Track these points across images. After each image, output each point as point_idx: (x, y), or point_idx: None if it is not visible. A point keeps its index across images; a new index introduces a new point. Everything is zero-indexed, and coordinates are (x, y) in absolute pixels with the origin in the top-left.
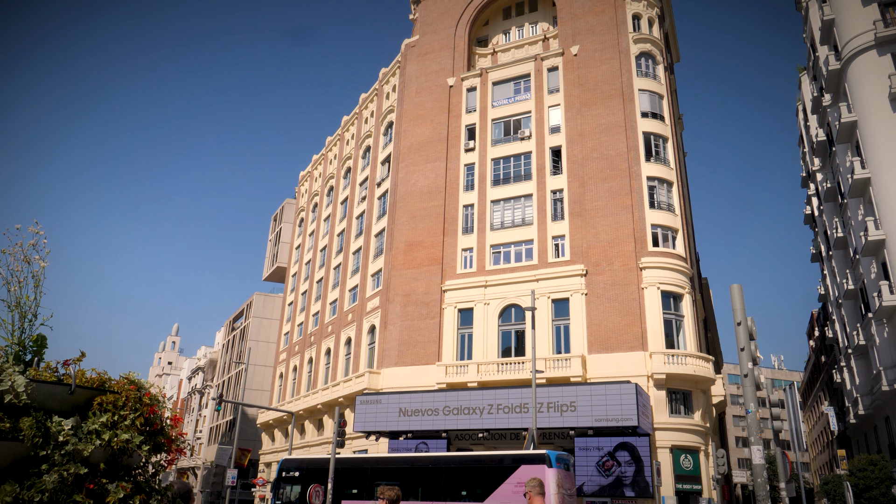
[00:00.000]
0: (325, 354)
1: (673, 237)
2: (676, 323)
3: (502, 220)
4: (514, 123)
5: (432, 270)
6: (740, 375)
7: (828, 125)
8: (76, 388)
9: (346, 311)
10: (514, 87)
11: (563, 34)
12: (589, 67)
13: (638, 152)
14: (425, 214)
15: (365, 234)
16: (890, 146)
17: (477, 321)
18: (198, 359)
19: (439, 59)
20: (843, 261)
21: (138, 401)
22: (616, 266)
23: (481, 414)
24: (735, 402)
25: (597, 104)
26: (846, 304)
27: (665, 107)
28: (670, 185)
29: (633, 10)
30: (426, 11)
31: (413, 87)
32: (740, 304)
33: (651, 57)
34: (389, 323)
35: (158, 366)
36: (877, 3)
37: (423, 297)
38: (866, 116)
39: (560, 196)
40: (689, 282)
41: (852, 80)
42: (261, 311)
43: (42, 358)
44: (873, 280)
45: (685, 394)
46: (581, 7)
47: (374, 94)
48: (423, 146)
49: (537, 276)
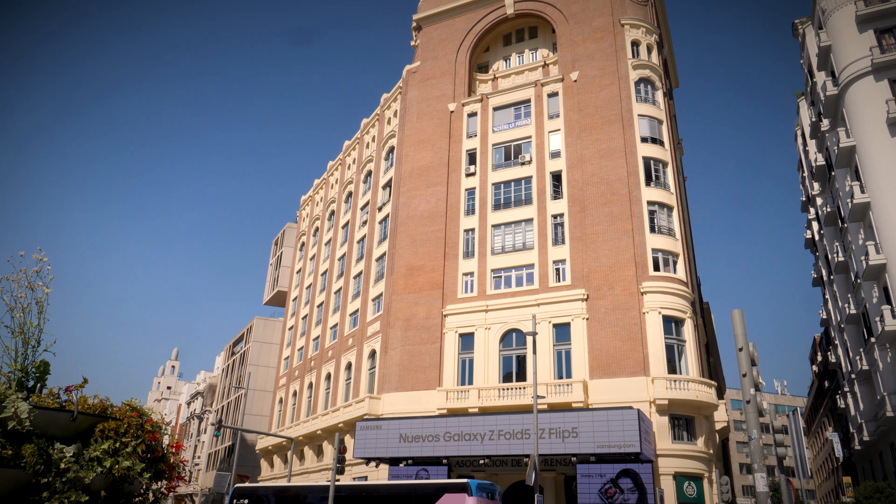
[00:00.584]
0: (325, 379)
1: (674, 261)
2: (678, 348)
3: (503, 244)
4: (514, 148)
5: (433, 295)
6: (743, 401)
7: (827, 150)
8: (78, 415)
9: (347, 336)
10: (515, 112)
11: (562, 60)
12: (589, 93)
13: (638, 177)
14: (426, 239)
15: (366, 259)
16: (889, 170)
17: (478, 346)
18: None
19: (440, 84)
20: (844, 285)
21: (140, 427)
22: (617, 290)
23: (482, 440)
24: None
25: (597, 129)
26: (848, 329)
27: (664, 132)
28: (670, 210)
29: (632, 37)
30: (427, 38)
31: (414, 113)
32: (741, 330)
33: (650, 83)
34: (390, 348)
35: (157, 390)
36: (872, 29)
37: (424, 322)
38: (865, 141)
39: (561, 220)
40: (691, 306)
41: (850, 106)
42: (261, 336)
43: (45, 384)
44: (875, 304)
45: (688, 420)
46: (580, 34)
47: (376, 119)
48: (425, 171)
49: (538, 300)
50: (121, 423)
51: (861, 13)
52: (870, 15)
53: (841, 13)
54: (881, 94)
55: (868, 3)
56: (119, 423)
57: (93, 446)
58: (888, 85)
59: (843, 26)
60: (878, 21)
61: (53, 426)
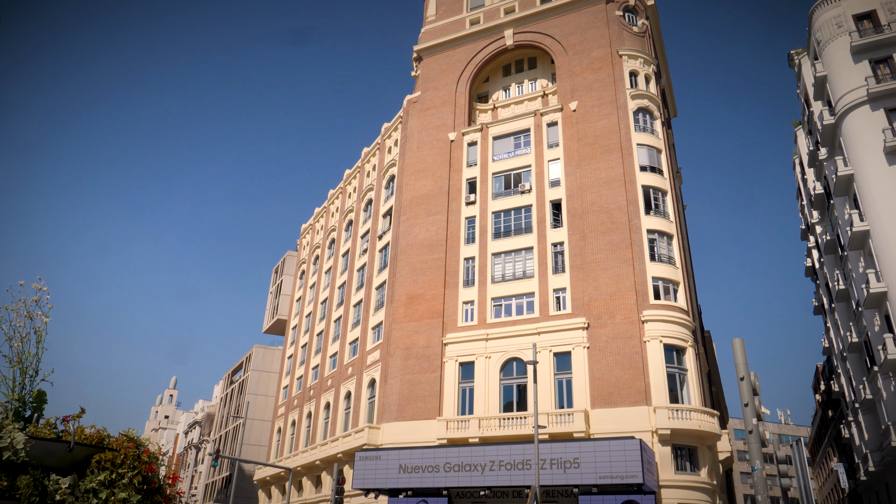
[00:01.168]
0: (324, 409)
1: (674, 290)
2: (680, 377)
3: (503, 272)
4: (514, 177)
5: (433, 323)
6: (745, 431)
7: (825, 178)
8: (75, 446)
9: (347, 365)
10: (515, 141)
11: (561, 90)
12: (588, 122)
13: (637, 206)
14: (426, 267)
15: (366, 287)
16: (887, 198)
17: (478, 375)
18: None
19: (441, 114)
20: (845, 313)
21: (137, 458)
22: (618, 319)
23: (483, 471)
24: (742, 458)
25: (596, 158)
26: (851, 358)
27: (663, 161)
28: (670, 238)
29: (630, 68)
30: (428, 69)
31: (415, 142)
32: (742, 359)
33: (648, 112)
34: (390, 377)
35: (155, 419)
36: (867, 60)
37: (424, 351)
38: (862, 170)
39: (561, 249)
40: (692, 335)
41: (847, 135)
42: (260, 364)
43: (42, 414)
44: (877, 333)
45: (691, 450)
46: (579, 64)
47: (377, 148)
48: (425, 199)
49: (539, 329)
50: (117, 454)
51: (856, 44)
52: (864, 46)
53: (836, 44)
54: (878, 124)
55: (862, 34)
56: (116, 454)
57: (89, 477)
58: (884, 114)
59: (838, 57)
60: (872, 52)
61: (49, 457)
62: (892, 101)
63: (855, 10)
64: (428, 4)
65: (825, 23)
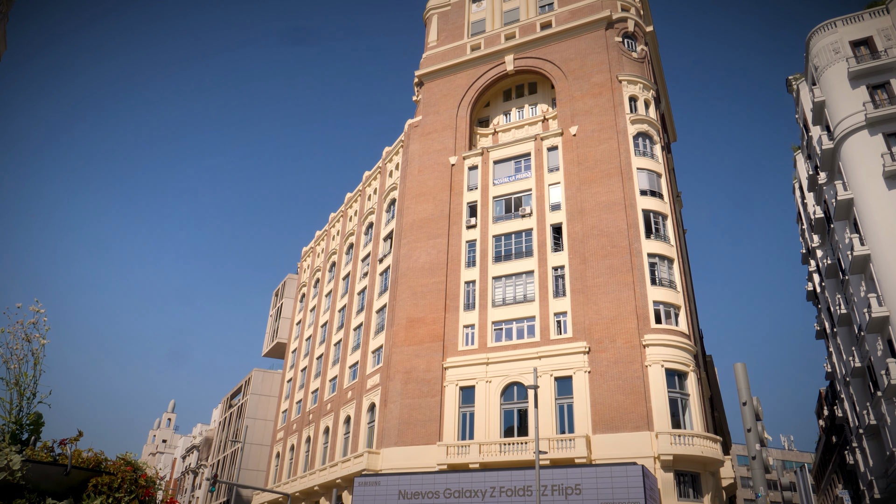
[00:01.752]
0: (323, 433)
1: (675, 314)
2: (682, 402)
3: (504, 296)
4: (514, 201)
5: (433, 347)
6: (748, 457)
7: (825, 202)
8: (72, 469)
9: (346, 389)
10: (515, 165)
11: (561, 115)
12: (588, 147)
13: (638, 229)
14: (427, 291)
15: (366, 310)
16: (888, 223)
17: (479, 399)
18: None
19: (442, 138)
20: (848, 338)
21: (134, 482)
22: (619, 343)
23: (483, 497)
24: (746, 484)
25: (596, 182)
26: (854, 382)
27: (663, 185)
28: (671, 262)
29: (630, 93)
30: (429, 93)
31: (416, 165)
32: (745, 384)
33: (648, 137)
34: (389, 401)
35: (153, 444)
36: (865, 85)
37: (424, 375)
38: (862, 194)
39: (561, 273)
40: (694, 359)
41: (846, 159)
42: (259, 388)
43: (39, 437)
44: (880, 357)
45: (693, 476)
46: (579, 89)
47: (378, 172)
48: (426, 223)
49: (539, 353)
50: (115, 478)
51: (853, 70)
52: (862, 71)
53: (833, 69)
54: (877, 148)
55: (859, 59)
56: (113, 478)
57: (86, 502)
58: (883, 139)
59: (836, 82)
60: (869, 77)
61: (46, 480)
62: (890, 125)
63: (852, 36)
64: (429, 30)
65: (822, 49)
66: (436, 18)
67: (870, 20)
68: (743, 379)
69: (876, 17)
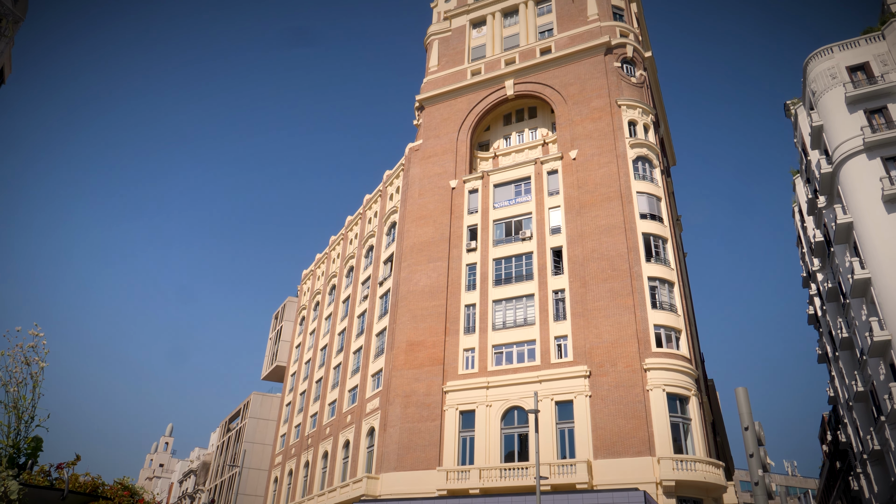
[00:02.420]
0: (322, 458)
1: (676, 337)
2: (684, 426)
3: (504, 319)
4: (515, 224)
5: (433, 371)
6: (751, 483)
7: (824, 226)
8: (69, 494)
9: (345, 413)
10: (515, 189)
11: (561, 139)
12: (588, 171)
13: (638, 253)
14: (427, 314)
15: (366, 334)
16: (888, 246)
17: (479, 424)
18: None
19: (442, 162)
20: (850, 362)
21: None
22: (620, 367)
23: None
24: None
25: (596, 206)
26: (857, 407)
27: (663, 208)
28: (671, 286)
29: (629, 117)
30: (430, 117)
31: (416, 189)
32: (747, 408)
33: (648, 161)
34: (389, 425)
35: (150, 468)
36: (862, 110)
37: (424, 399)
38: (862, 218)
39: (562, 296)
40: (695, 383)
41: (845, 183)
42: (258, 412)
43: (36, 461)
44: (883, 382)
45: (696, 502)
46: (578, 114)
47: (378, 195)
48: (426, 246)
49: (540, 377)
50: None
51: (850, 95)
52: (859, 96)
53: (831, 94)
54: (875, 172)
55: (856, 85)
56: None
57: None
58: (881, 163)
59: (833, 106)
60: (867, 102)
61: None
62: (888, 149)
63: (848, 61)
64: (430, 55)
65: (819, 74)
66: (436, 44)
67: (866, 46)
68: (744, 403)
69: (872, 43)
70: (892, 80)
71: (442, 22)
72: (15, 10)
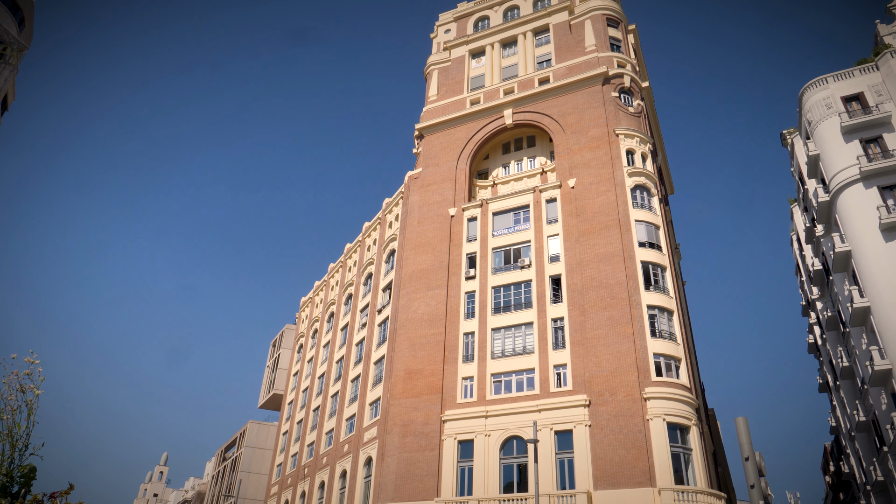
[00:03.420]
0: (318, 488)
1: (676, 366)
2: (685, 457)
3: (503, 348)
4: (514, 252)
5: (432, 399)
6: None
7: (823, 255)
8: None
9: (343, 442)
10: (514, 217)
11: (560, 168)
12: (586, 199)
13: (637, 281)
14: (426, 342)
15: (364, 362)
16: (886, 275)
17: (477, 454)
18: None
19: (441, 190)
20: (851, 391)
21: None
22: (619, 396)
23: None
24: None
25: (595, 234)
26: (860, 437)
27: (662, 237)
28: (671, 314)
29: (627, 146)
30: (429, 146)
31: (415, 217)
32: (747, 438)
33: (646, 189)
34: (387, 455)
35: (143, 497)
36: (858, 140)
37: (422, 428)
38: (860, 246)
39: (561, 324)
40: (696, 413)
41: (842, 212)
42: (254, 441)
43: (30, 490)
44: (885, 411)
45: None
46: (577, 143)
47: (378, 223)
48: (425, 274)
49: (539, 406)
50: None
51: (846, 124)
52: (854, 126)
53: (826, 124)
54: (872, 201)
55: (851, 115)
56: None
57: None
58: (878, 192)
59: (829, 136)
60: (862, 132)
61: None
62: (884, 178)
63: (843, 92)
64: (430, 85)
65: (815, 104)
66: (436, 73)
67: (860, 76)
68: (745, 434)
69: (866, 74)
70: (886, 110)
71: (441, 52)
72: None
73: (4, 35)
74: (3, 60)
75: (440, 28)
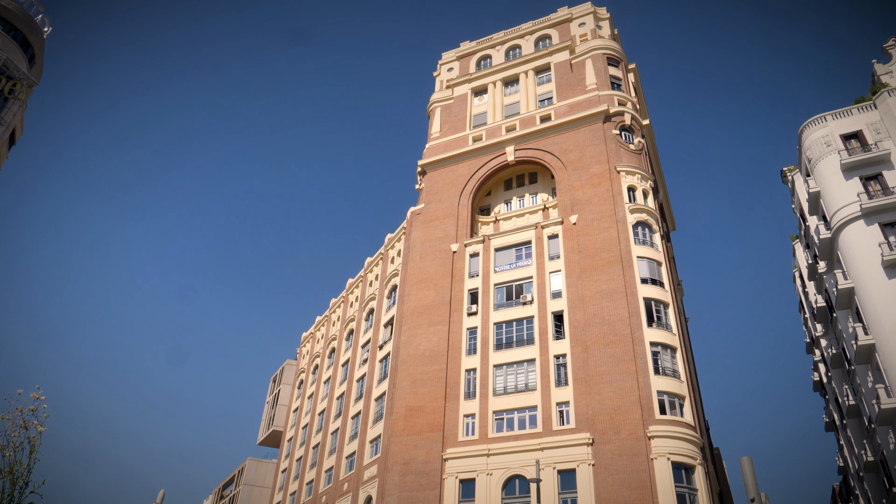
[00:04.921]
0: None
1: (680, 404)
2: (690, 497)
3: (505, 384)
4: (516, 288)
5: (433, 437)
6: None
7: (826, 291)
8: None
9: (342, 480)
10: (516, 253)
11: (561, 204)
12: (588, 235)
13: (640, 318)
14: (427, 378)
15: (365, 398)
16: (890, 312)
17: (479, 493)
18: None
19: (443, 226)
20: (858, 430)
21: None
22: (623, 435)
23: None
24: None
25: (597, 270)
26: (868, 478)
27: (664, 273)
28: (674, 351)
29: (628, 183)
30: (431, 182)
31: (417, 252)
32: (752, 479)
33: (647, 226)
34: (387, 494)
35: None
36: (858, 177)
37: (423, 466)
38: (862, 283)
39: (563, 361)
40: (700, 452)
41: (844, 249)
42: (253, 478)
43: None
44: (893, 451)
45: None
46: (578, 180)
47: (380, 258)
48: (427, 310)
49: (542, 444)
50: None
51: (845, 162)
52: (854, 163)
53: (826, 162)
54: (874, 238)
55: (851, 152)
56: None
57: None
58: (879, 228)
59: (829, 173)
60: (862, 169)
61: None
62: (885, 216)
63: (842, 130)
64: (433, 122)
65: (814, 142)
66: (439, 111)
67: (858, 115)
68: (750, 474)
69: (864, 112)
70: (885, 147)
71: (444, 90)
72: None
73: (15, 71)
74: (13, 96)
75: (443, 66)
